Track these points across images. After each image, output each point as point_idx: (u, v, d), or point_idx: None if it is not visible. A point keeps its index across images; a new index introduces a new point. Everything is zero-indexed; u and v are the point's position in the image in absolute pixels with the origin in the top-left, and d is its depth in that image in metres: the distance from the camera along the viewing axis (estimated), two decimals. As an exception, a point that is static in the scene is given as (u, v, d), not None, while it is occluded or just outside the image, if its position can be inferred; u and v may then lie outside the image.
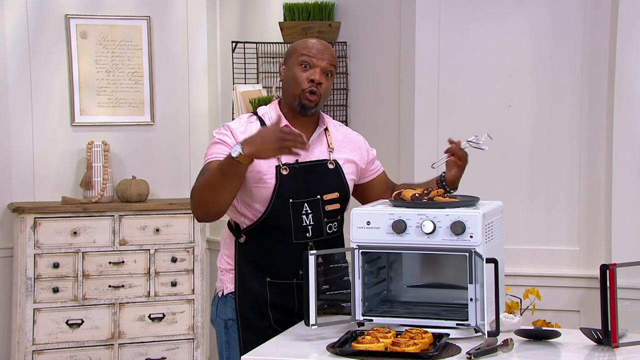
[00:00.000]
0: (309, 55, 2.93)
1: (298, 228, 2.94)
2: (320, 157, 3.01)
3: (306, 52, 2.94)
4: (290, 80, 2.96)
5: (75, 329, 4.82)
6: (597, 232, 4.22)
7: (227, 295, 3.00)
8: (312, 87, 2.93)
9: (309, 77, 2.93)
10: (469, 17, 4.36)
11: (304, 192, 2.95)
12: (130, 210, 4.91)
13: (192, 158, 5.33)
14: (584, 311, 4.23)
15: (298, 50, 2.96)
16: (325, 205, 2.99)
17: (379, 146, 3.34)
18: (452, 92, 4.39)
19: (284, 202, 2.92)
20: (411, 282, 2.99)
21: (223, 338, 3.01)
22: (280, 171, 2.92)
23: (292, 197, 2.93)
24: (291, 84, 2.95)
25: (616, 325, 2.64)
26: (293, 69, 2.95)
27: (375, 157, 3.21)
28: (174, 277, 4.97)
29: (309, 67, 2.93)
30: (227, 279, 3.01)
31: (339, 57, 4.73)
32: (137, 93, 5.22)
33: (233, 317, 2.98)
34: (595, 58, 4.19)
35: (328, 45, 3.00)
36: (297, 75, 2.94)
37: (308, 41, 2.99)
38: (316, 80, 2.92)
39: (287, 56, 3.02)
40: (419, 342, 2.55)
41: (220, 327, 3.03)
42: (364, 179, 3.16)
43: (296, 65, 2.95)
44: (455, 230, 2.68)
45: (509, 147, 4.34)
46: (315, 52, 2.94)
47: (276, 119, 2.79)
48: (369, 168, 3.17)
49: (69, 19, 5.09)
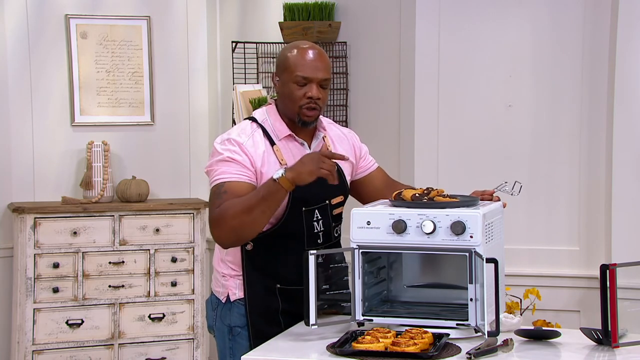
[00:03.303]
0: (304, 74, 2.88)
1: (310, 235, 2.93)
2: None
3: (301, 71, 2.88)
4: (287, 96, 2.92)
5: (75, 329, 4.82)
6: (597, 232, 4.22)
7: (235, 301, 2.95)
8: (310, 103, 2.89)
9: (306, 94, 2.89)
10: (468, 17, 4.36)
11: (315, 198, 2.94)
12: (130, 210, 4.91)
13: (192, 158, 5.33)
14: (584, 311, 4.23)
15: (292, 67, 2.89)
16: (332, 210, 3.00)
17: (378, 146, 3.35)
18: (452, 92, 4.39)
19: (297, 211, 2.90)
20: (411, 282, 2.99)
21: (226, 344, 2.96)
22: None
23: (304, 205, 2.91)
24: (288, 100, 2.92)
25: (616, 325, 2.64)
26: (288, 85, 2.90)
27: (367, 152, 3.19)
28: (174, 277, 4.97)
29: (304, 83, 2.89)
30: (232, 284, 2.96)
31: (339, 57, 4.73)
32: (137, 93, 5.22)
33: (240, 324, 2.94)
34: (595, 58, 4.20)
35: (321, 53, 2.93)
36: (294, 93, 2.89)
37: (301, 55, 2.90)
38: (314, 97, 2.89)
39: (280, 67, 2.95)
40: (419, 342, 2.55)
41: (223, 332, 2.98)
42: (357, 176, 3.15)
43: (291, 82, 2.89)
44: (455, 230, 2.68)
45: (508, 147, 4.34)
46: (310, 69, 2.88)
47: (320, 148, 2.79)
48: (360, 164, 3.15)
49: (69, 19, 5.09)
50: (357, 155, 3.14)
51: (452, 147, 4.39)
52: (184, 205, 5.00)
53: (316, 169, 2.72)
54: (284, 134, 2.94)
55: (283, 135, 2.94)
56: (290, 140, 2.96)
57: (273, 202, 2.75)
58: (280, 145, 2.93)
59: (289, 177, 2.72)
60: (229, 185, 2.82)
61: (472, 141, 4.38)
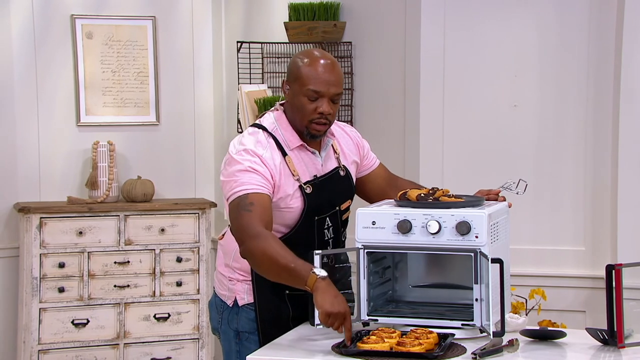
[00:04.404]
0: (316, 89, 2.81)
1: (320, 243, 2.92)
2: (332, 166, 2.97)
3: (313, 85, 2.81)
4: (297, 108, 2.86)
5: (81, 328, 4.83)
6: (602, 232, 4.21)
7: (243, 306, 2.93)
8: (321, 118, 2.84)
9: (317, 109, 2.83)
10: (474, 16, 4.36)
11: (326, 206, 2.93)
12: (136, 210, 4.91)
13: (197, 158, 5.33)
14: (590, 311, 4.22)
15: (304, 79, 2.82)
16: (341, 215, 2.99)
17: (384, 146, 3.34)
18: (457, 92, 4.38)
19: (310, 221, 2.88)
20: (416, 282, 2.99)
21: (233, 347, 2.93)
22: (304, 191, 2.87)
23: (317, 214, 2.90)
24: (298, 112, 2.86)
25: (622, 325, 2.64)
26: (299, 98, 2.84)
27: (369, 149, 3.16)
28: (179, 277, 4.97)
29: (316, 98, 2.83)
30: (240, 289, 2.93)
31: (344, 57, 4.73)
32: (142, 93, 5.22)
33: (249, 329, 2.91)
34: (600, 58, 4.19)
35: (335, 65, 2.86)
36: (304, 107, 2.84)
37: (314, 68, 2.82)
38: (325, 113, 2.84)
39: (291, 76, 2.88)
40: (424, 342, 2.55)
41: (229, 336, 2.96)
42: (360, 174, 3.13)
43: (302, 95, 2.83)
44: (460, 231, 2.68)
45: (513, 147, 4.34)
46: (323, 84, 2.81)
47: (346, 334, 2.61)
48: (363, 163, 3.13)
49: (75, 19, 5.09)
50: (362, 154, 3.12)
51: (458, 147, 4.39)
52: (189, 205, 5.01)
53: (333, 316, 2.58)
54: (296, 144, 2.89)
55: (295, 145, 2.89)
56: (301, 150, 2.91)
57: (293, 279, 2.67)
58: (292, 156, 2.88)
59: (316, 283, 2.60)
60: (254, 197, 2.73)
61: (477, 141, 4.38)
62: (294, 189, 2.85)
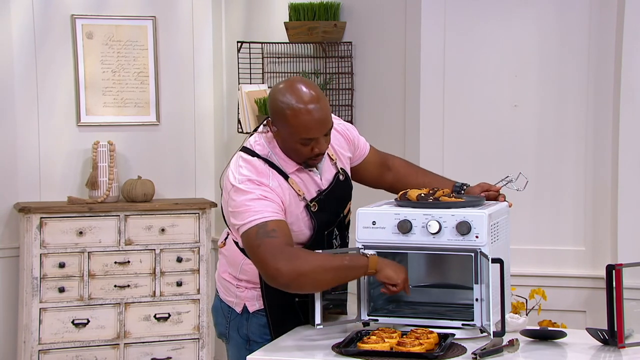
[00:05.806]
0: (310, 136, 2.73)
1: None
2: (331, 175, 2.94)
3: (306, 134, 2.72)
4: (290, 149, 2.78)
5: (81, 328, 4.83)
6: (603, 232, 4.21)
7: (253, 313, 2.90)
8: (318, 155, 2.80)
9: (314, 151, 2.77)
10: (474, 16, 4.35)
11: (333, 217, 2.91)
12: (136, 210, 4.91)
13: (197, 158, 5.34)
14: (590, 311, 4.22)
15: (293, 128, 2.71)
16: (345, 220, 2.99)
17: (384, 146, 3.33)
18: (457, 92, 4.38)
19: (320, 237, 2.87)
20: (417, 282, 2.98)
21: (243, 354, 2.85)
22: (310, 210, 2.83)
23: (325, 229, 2.88)
24: (293, 152, 2.79)
25: (622, 325, 2.64)
26: (292, 143, 2.76)
27: (358, 136, 3.09)
28: (180, 277, 4.97)
29: (310, 142, 2.75)
30: (249, 296, 2.91)
31: (344, 57, 4.73)
32: (142, 93, 5.22)
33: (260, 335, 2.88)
34: (601, 58, 4.19)
35: (319, 100, 2.72)
36: (299, 151, 2.77)
37: (302, 116, 2.70)
38: (322, 151, 2.79)
39: (276, 119, 2.75)
40: (425, 342, 2.55)
41: (238, 342, 2.93)
42: (353, 164, 3.09)
43: (294, 142, 2.75)
44: (460, 231, 2.68)
45: (514, 147, 4.33)
46: (315, 130, 2.72)
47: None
48: (355, 154, 3.09)
49: (75, 19, 5.09)
50: (353, 147, 3.07)
51: (458, 147, 4.39)
52: (190, 205, 5.01)
53: (400, 280, 2.70)
54: (294, 167, 2.84)
55: (293, 169, 2.83)
56: (301, 171, 2.86)
57: (354, 272, 2.68)
58: (293, 177, 2.83)
59: (378, 264, 2.66)
60: (274, 224, 2.66)
61: (478, 141, 4.38)
62: (300, 209, 2.82)
